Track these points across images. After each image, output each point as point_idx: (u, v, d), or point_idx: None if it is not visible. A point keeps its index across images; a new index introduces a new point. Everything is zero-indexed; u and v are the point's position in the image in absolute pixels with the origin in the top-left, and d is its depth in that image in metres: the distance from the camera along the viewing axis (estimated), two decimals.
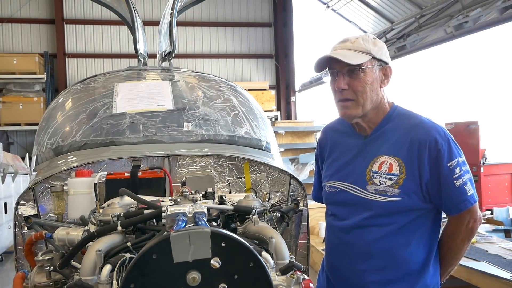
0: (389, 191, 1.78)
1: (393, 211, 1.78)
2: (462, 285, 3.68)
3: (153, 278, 1.26)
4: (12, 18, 12.67)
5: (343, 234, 1.90)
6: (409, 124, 1.84)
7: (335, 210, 1.97)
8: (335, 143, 2.04)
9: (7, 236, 6.95)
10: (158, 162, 2.31)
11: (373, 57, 1.80)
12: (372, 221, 1.81)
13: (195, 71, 3.34)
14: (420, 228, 1.83)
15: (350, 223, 1.87)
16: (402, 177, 1.77)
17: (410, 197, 1.77)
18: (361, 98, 1.80)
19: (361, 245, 1.84)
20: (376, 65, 1.82)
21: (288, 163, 9.00)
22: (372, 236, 1.82)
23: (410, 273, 1.82)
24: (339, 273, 1.96)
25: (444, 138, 1.77)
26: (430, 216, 1.85)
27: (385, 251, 1.81)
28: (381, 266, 1.82)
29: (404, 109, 1.92)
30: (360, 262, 1.85)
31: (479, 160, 7.52)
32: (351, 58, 1.77)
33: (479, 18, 8.39)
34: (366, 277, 1.84)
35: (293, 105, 14.73)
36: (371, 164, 1.84)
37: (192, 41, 13.95)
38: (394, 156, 1.80)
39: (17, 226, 2.08)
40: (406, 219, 1.80)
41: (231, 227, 1.85)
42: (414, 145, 1.77)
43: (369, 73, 1.80)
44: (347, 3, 13.85)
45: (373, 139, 1.88)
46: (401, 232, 1.80)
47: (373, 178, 1.82)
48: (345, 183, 1.90)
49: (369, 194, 1.82)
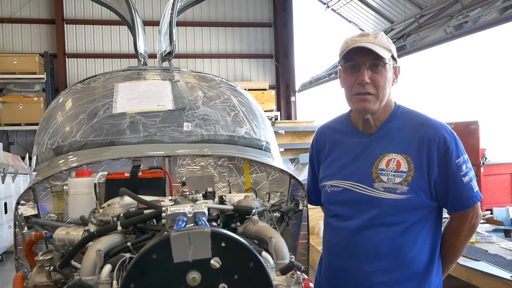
0: (398, 188, 1.78)
1: (402, 208, 1.79)
2: (462, 285, 3.67)
3: (153, 278, 1.26)
4: (12, 18, 12.67)
5: (350, 235, 1.87)
6: (416, 122, 1.86)
7: (338, 210, 1.94)
8: (335, 143, 2.03)
9: (7, 236, 6.95)
10: (158, 162, 2.31)
11: (392, 55, 1.84)
12: (380, 220, 1.81)
13: (195, 71, 3.34)
14: (425, 227, 1.84)
15: (357, 223, 1.85)
16: (411, 174, 1.78)
17: (418, 194, 1.78)
18: (381, 93, 1.83)
19: (369, 246, 1.83)
20: (391, 63, 1.85)
21: (288, 163, 8.99)
22: (380, 236, 1.81)
23: (417, 273, 1.82)
24: (344, 275, 1.92)
25: (452, 136, 1.81)
26: (433, 214, 1.87)
27: (393, 251, 1.81)
28: (389, 266, 1.81)
29: (407, 108, 1.95)
30: (368, 263, 1.83)
31: (479, 160, 7.52)
32: (380, 51, 1.78)
33: (479, 18, 8.39)
34: (374, 278, 1.83)
35: (293, 105, 14.73)
36: (378, 162, 1.84)
37: (192, 41, 13.95)
38: (402, 153, 1.81)
39: (17, 226, 2.08)
40: (414, 218, 1.81)
41: (231, 227, 1.84)
42: (423, 142, 1.79)
43: (389, 70, 1.84)
44: (347, 3, 13.85)
45: (379, 137, 1.89)
46: (408, 231, 1.81)
47: (380, 175, 1.82)
48: (349, 181, 1.89)
49: (377, 191, 1.82)
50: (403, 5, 11.64)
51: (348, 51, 1.81)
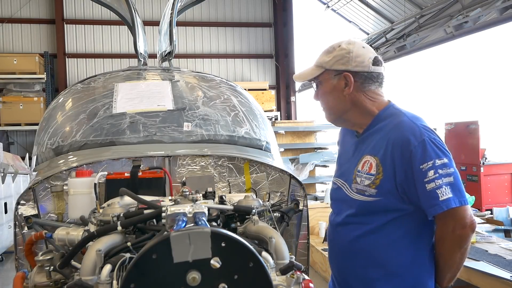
0: (367, 191, 1.80)
1: (371, 210, 1.80)
2: (462, 285, 3.68)
3: (153, 278, 1.26)
4: (12, 18, 12.66)
5: (332, 230, 2.00)
6: (391, 124, 1.83)
7: (333, 206, 2.05)
8: (342, 141, 2.12)
9: (7, 236, 6.95)
10: (158, 162, 2.31)
11: (326, 69, 1.88)
12: (353, 219, 1.86)
13: (195, 71, 3.35)
14: (400, 229, 1.79)
15: (337, 220, 1.95)
16: (379, 177, 1.77)
17: (386, 197, 1.76)
18: (327, 106, 1.93)
19: (343, 242, 1.90)
20: (332, 75, 1.87)
21: (288, 163, 8.99)
22: (352, 234, 1.86)
23: (394, 274, 1.80)
24: (332, 266, 2.04)
25: (419, 139, 1.71)
26: (414, 217, 1.79)
27: (365, 249, 1.83)
28: (362, 264, 1.84)
29: (396, 108, 1.90)
30: (344, 258, 1.91)
31: (479, 160, 7.52)
32: (307, 75, 1.93)
33: (479, 18, 8.39)
34: (349, 273, 1.90)
35: (293, 105, 14.73)
36: (359, 163, 1.88)
37: (192, 41, 13.95)
38: (374, 156, 1.82)
39: (17, 226, 2.08)
40: (384, 219, 1.79)
41: (231, 227, 1.85)
42: (390, 145, 1.77)
43: (326, 84, 1.90)
44: (347, 3, 13.85)
45: (363, 138, 1.92)
46: (380, 231, 1.80)
47: (356, 177, 1.86)
48: (341, 180, 1.97)
49: (352, 192, 1.87)
50: (403, 5, 11.64)
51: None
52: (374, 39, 13.59)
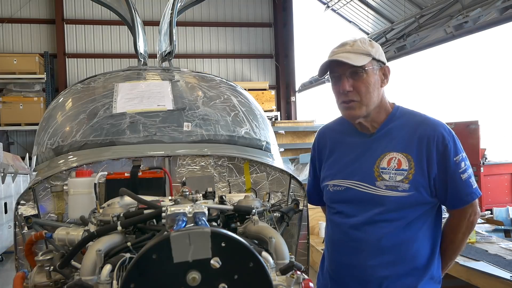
0: (400, 186, 1.84)
1: (404, 205, 1.84)
2: (462, 285, 3.68)
3: (153, 278, 1.26)
4: (12, 18, 12.67)
5: (353, 231, 1.92)
6: (415, 121, 1.91)
7: (341, 207, 1.99)
8: (336, 143, 2.08)
9: (7, 236, 6.96)
10: (158, 162, 2.31)
11: (373, 58, 1.87)
12: (382, 216, 1.86)
13: (195, 71, 3.34)
14: (425, 223, 1.89)
15: (360, 220, 1.90)
16: (412, 172, 1.83)
17: (419, 191, 1.83)
18: (365, 98, 1.87)
19: (371, 241, 1.88)
20: (376, 65, 1.88)
21: (288, 163, 8.98)
22: (382, 231, 1.86)
23: (419, 267, 1.88)
24: (348, 270, 1.97)
25: (450, 134, 1.85)
26: (433, 211, 1.92)
27: (395, 246, 1.86)
28: (391, 260, 1.86)
29: (406, 109, 1.99)
30: (371, 257, 1.88)
31: (479, 160, 7.52)
32: (354, 60, 1.83)
33: (479, 18, 8.39)
34: (377, 272, 1.88)
35: (293, 105, 14.73)
36: (379, 161, 1.89)
37: (192, 41, 13.95)
38: (402, 152, 1.86)
39: (17, 226, 2.08)
40: (414, 214, 1.86)
41: (231, 227, 1.84)
42: (423, 140, 1.84)
43: (371, 74, 1.86)
44: (347, 3, 13.86)
45: (379, 137, 1.94)
46: (409, 226, 1.86)
47: (382, 174, 1.87)
48: (352, 180, 1.94)
49: (379, 190, 1.86)
50: (403, 5, 11.64)
51: (329, 63, 1.89)
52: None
